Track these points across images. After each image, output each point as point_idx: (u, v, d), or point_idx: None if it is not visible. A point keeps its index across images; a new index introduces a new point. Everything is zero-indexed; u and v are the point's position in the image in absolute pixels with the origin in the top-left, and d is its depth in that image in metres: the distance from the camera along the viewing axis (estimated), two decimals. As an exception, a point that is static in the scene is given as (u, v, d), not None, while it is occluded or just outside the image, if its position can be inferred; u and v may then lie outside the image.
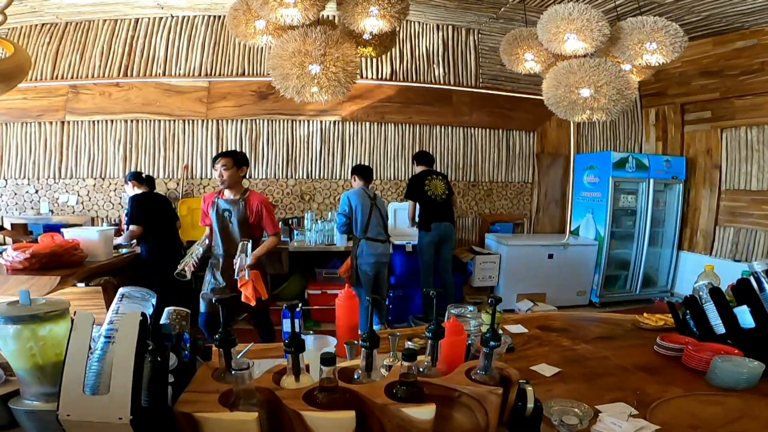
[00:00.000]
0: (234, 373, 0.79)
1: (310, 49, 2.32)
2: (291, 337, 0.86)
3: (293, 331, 0.87)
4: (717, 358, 1.22)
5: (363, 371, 0.97)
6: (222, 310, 0.89)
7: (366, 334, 0.94)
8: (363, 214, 3.50)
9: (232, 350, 0.91)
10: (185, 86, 4.47)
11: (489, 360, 0.96)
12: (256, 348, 1.52)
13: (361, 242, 3.53)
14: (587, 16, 2.39)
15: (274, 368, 0.96)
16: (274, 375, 0.93)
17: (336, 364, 0.86)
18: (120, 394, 0.70)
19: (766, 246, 4.33)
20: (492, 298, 1.05)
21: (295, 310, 0.90)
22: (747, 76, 4.42)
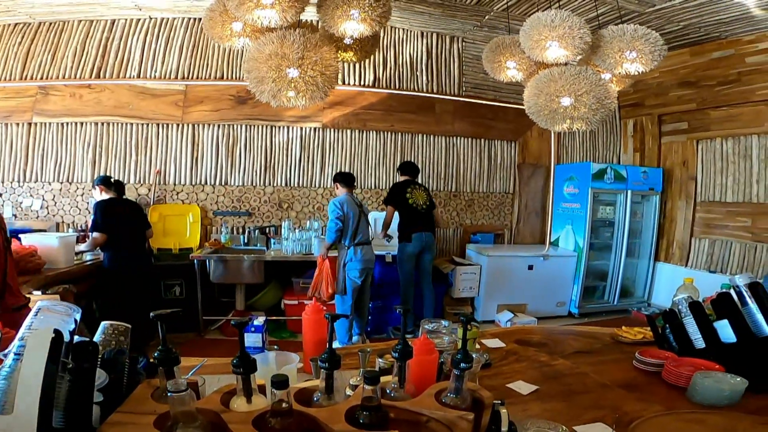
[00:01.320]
0: (169, 395, 0.70)
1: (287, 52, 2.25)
2: (239, 356, 0.78)
3: (242, 350, 0.79)
4: (698, 375, 1.18)
5: (323, 393, 0.89)
6: (160, 326, 0.80)
7: (326, 353, 0.86)
8: (353, 220, 3.50)
9: (175, 369, 0.82)
10: (160, 89, 4.34)
11: (460, 382, 0.90)
12: (217, 362, 1.41)
13: (350, 249, 3.51)
14: (569, 23, 2.39)
15: (223, 388, 0.88)
16: (223, 396, 0.85)
17: (289, 387, 0.77)
18: (25, 413, 0.63)
19: (741, 257, 4.39)
20: (464, 316, 0.98)
21: (243, 327, 0.81)
22: (723, 87, 4.50)
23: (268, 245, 4.25)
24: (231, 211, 4.51)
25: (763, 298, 1.20)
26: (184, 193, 4.43)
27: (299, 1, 2.17)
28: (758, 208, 4.24)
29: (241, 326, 0.81)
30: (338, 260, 3.59)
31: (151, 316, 0.82)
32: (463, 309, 4.64)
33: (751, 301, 1.23)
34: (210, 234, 4.45)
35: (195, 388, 0.94)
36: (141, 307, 3.30)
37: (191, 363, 1.34)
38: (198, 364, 1.26)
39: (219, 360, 1.44)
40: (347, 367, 1.46)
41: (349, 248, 3.52)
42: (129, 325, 0.95)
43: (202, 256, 3.80)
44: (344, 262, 3.55)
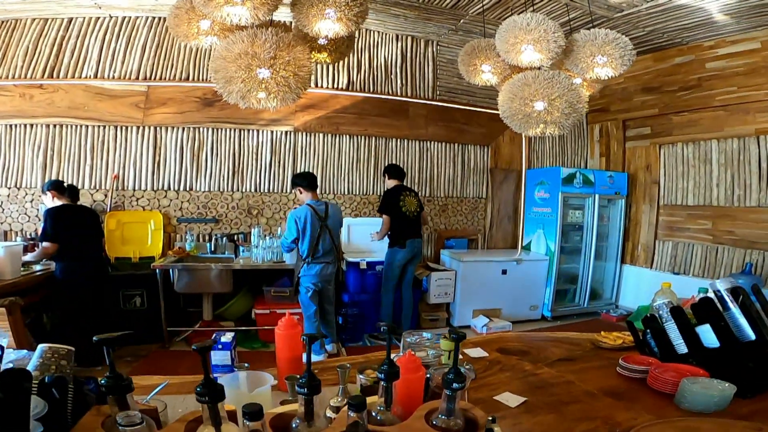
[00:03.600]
0: (120, 428, 0.60)
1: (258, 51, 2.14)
2: (204, 383, 0.69)
3: (206, 377, 0.69)
4: (686, 381, 1.16)
5: (302, 420, 0.80)
6: (107, 351, 0.70)
7: (304, 377, 0.77)
8: (312, 236, 3.29)
9: (127, 396, 0.72)
10: (119, 90, 4.10)
11: (452, 403, 0.83)
12: (183, 381, 1.27)
13: (306, 263, 3.36)
14: (544, 27, 2.41)
15: (187, 415, 0.78)
16: (188, 425, 0.76)
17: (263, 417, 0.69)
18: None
19: (702, 259, 4.57)
20: (454, 333, 0.91)
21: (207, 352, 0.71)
22: (684, 93, 4.66)
23: (237, 253, 4.07)
24: (196, 218, 4.30)
25: (746, 303, 1.19)
26: (145, 199, 4.18)
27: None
28: (718, 211, 4.42)
29: (204, 351, 0.71)
30: (294, 269, 3.50)
31: (94, 340, 0.71)
32: (439, 315, 4.61)
33: (734, 305, 1.22)
34: (174, 242, 4.23)
35: (154, 415, 0.84)
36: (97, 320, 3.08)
37: (153, 382, 1.21)
38: (159, 385, 1.14)
39: (184, 378, 1.32)
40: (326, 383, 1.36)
41: (305, 261, 3.36)
42: (72, 348, 0.83)
43: (165, 265, 3.59)
44: (298, 275, 3.44)
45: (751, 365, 1.20)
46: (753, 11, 3.64)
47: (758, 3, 3.47)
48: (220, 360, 1.21)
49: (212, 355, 1.22)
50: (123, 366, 3.27)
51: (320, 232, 3.31)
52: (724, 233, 4.34)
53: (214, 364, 1.22)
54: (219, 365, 1.21)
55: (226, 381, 1.04)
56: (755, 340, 1.17)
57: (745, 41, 4.08)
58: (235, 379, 1.06)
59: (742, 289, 1.23)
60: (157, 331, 3.63)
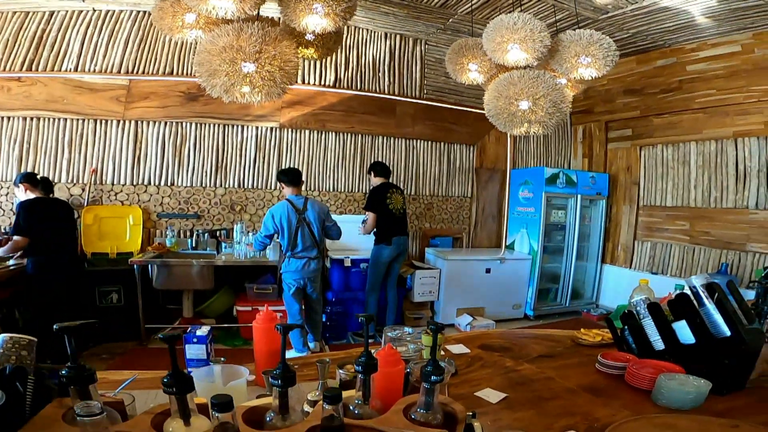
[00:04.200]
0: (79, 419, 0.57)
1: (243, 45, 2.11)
2: (171, 373, 0.67)
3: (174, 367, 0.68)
4: (662, 377, 1.18)
5: (276, 413, 0.78)
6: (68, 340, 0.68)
7: (278, 369, 0.76)
8: (289, 230, 3.28)
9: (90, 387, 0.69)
10: (100, 84, 3.99)
11: (431, 396, 0.82)
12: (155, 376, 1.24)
13: (287, 259, 3.35)
14: (531, 26, 2.43)
15: (156, 408, 0.76)
16: (156, 417, 0.73)
17: (235, 408, 0.67)
18: None
19: (679, 259, 4.68)
20: (432, 324, 0.90)
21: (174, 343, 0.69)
22: (665, 95, 4.74)
23: (219, 249, 4.01)
24: (178, 214, 4.22)
25: (721, 299, 1.21)
26: (124, 194, 4.09)
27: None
28: (695, 212, 4.53)
29: (172, 340, 0.69)
30: (278, 265, 3.49)
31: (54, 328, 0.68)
32: (423, 313, 4.61)
33: (709, 301, 1.24)
34: (153, 237, 4.14)
35: (120, 407, 0.82)
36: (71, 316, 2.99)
37: (124, 377, 1.18)
38: (128, 379, 1.10)
39: (157, 373, 1.28)
40: (305, 378, 1.35)
41: (285, 256, 3.35)
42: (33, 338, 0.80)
43: (144, 261, 3.51)
44: (281, 271, 3.42)
45: (727, 362, 1.22)
46: (734, 14, 3.71)
47: (739, 6, 3.54)
48: (195, 354, 1.19)
49: (187, 349, 1.20)
50: (98, 363, 3.19)
51: (298, 225, 3.29)
52: (701, 234, 4.45)
53: (189, 357, 1.21)
54: (194, 359, 1.19)
55: (200, 374, 1.02)
56: (730, 337, 1.19)
57: (726, 44, 4.16)
58: (209, 372, 1.04)
59: (718, 285, 1.25)
60: (135, 329, 3.55)
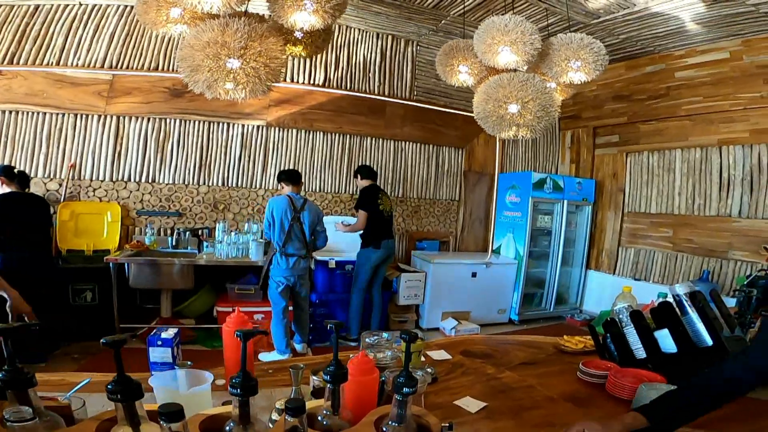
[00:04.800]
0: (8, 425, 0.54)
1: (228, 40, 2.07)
2: (116, 379, 0.65)
3: (120, 373, 0.65)
4: (643, 386, 1.15)
5: (236, 423, 0.73)
6: (4, 343, 0.65)
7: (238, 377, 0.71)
8: (282, 225, 3.30)
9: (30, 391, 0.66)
10: (82, 78, 3.88)
11: (403, 408, 0.78)
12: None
13: (276, 255, 3.35)
14: (522, 29, 2.42)
15: (104, 414, 0.72)
16: (102, 423, 0.69)
17: (185, 418, 0.63)
18: None
19: (662, 266, 4.72)
20: (406, 334, 0.86)
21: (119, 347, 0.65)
22: (653, 101, 4.76)
23: (200, 248, 3.92)
24: (158, 211, 4.12)
25: (704, 308, 1.20)
26: (102, 190, 3.97)
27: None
28: (679, 220, 4.56)
29: (116, 345, 0.67)
30: (266, 262, 3.48)
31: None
32: (408, 316, 4.57)
33: (692, 310, 1.23)
34: (132, 235, 4.03)
35: (67, 412, 0.78)
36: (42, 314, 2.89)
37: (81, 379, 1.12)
38: (81, 382, 1.04)
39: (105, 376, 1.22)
40: (279, 384, 1.31)
41: (275, 253, 3.35)
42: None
43: (120, 259, 3.41)
44: (267, 267, 3.42)
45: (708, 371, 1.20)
46: (724, 21, 3.70)
47: (729, 13, 3.54)
48: (159, 357, 1.14)
49: (151, 352, 1.15)
50: (70, 363, 3.10)
51: (292, 222, 3.32)
52: (684, 241, 4.49)
53: (153, 361, 1.16)
54: (158, 362, 1.14)
55: (161, 379, 0.97)
56: (712, 346, 1.18)
57: (714, 51, 4.17)
58: (172, 377, 0.98)
59: (701, 293, 1.23)
60: (109, 328, 3.44)
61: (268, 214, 3.33)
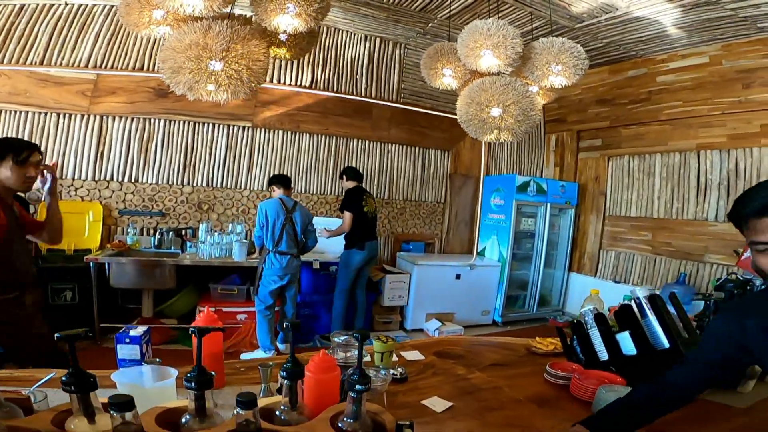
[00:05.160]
0: None
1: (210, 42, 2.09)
2: (71, 372, 0.68)
3: (74, 365, 0.68)
4: (602, 389, 1.19)
5: (192, 416, 0.76)
6: None
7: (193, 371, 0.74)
8: (274, 226, 3.40)
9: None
10: (67, 77, 3.86)
11: (357, 405, 0.81)
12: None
13: (270, 254, 3.43)
14: (504, 33, 2.45)
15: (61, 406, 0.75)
16: (58, 415, 0.72)
17: (135, 409, 0.66)
18: None
19: (641, 269, 4.80)
20: (358, 333, 0.89)
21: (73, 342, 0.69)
22: (634, 106, 4.81)
23: (184, 248, 3.91)
24: (141, 211, 4.09)
25: (662, 311, 1.24)
26: (85, 189, 3.94)
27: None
28: (658, 223, 4.65)
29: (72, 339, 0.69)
30: (258, 263, 3.54)
31: None
32: (393, 317, 4.60)
33: (651, 313, 1.27)
34: (114, 235, 4.00)
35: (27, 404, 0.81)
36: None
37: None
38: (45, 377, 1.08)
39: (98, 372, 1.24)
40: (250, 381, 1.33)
41: (268, 253, 3.45)
42: None
43: (101, 259, 3.40)
44: (262, 266, 3.48)
45: (666, 373, 1.24)
46: (704, 25, 3.73)
47: (709, 17, 3.58)
48: (128, 354, 1.16)
49: (119, 349, 1.18)
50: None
51: (285, 222, 3.42)
52: (662, 244, 4.57)
53: (121, 358, 1.18)
54: (127, 359, 1.16)
55: (125, 375, 1.00)
56: (669, 348, 1.22)
57: (695, 55, 4.22)
58: (137, 373, 1.01)
59: (660, 297, 1.27)
60: (89, 328, 3.42)
61: (261, 216, 3.40)
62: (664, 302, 1.29)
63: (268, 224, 3.39)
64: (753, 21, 3.53)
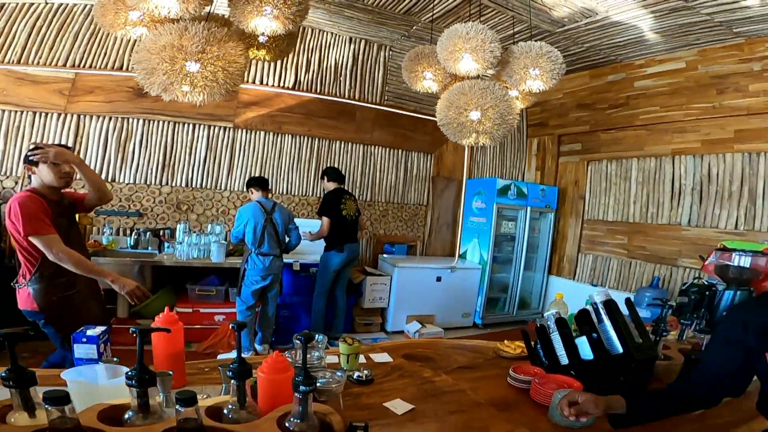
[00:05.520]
0: None
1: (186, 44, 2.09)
2: (10, 368, 0.71)
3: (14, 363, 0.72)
4: (557, 394, 1.20)
5: (135, 413, 0.78)
6: None
7: (135, 369, 0.75)
8: (255, 229, 3.41)
9: None
10: (44, 76, 3.80)
11: (304, 406, 0.82)
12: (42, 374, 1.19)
13: (252, 255, 3.44)
14: (482, 36, 2.48)
15: (3, 401, 0.77)
16: (1, 409, 0.75)
17: (71, 403, 0.66)
18: None
19: (617, 272, 4.89)
20: (301, 336, 0.91)
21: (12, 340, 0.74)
22: (613, 110, 4.87)
23: (161, 249, 3.86)
24: (117, 211, 4.03)
25: (617, 316, 1.27)
26: (60, 188, 3.88)
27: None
28: (633, 227, 4.73)
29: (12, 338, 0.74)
30: (241, 264, 3.54)
31: None
32: (373, 319, 4.61)
33: (606, 318, 1.30)
34: (89, 234, 3.94)
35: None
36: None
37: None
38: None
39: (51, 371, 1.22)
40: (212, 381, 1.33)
41: (251, 254, 3.45)
42: None
43: (75, 259, 3.34)
44: (244, 267, 3.49)
45: (622, 378, 1.27)
46: (681, 30, 3.78)
47: (685, 22, 3.62)
48: (84, 353, 1.16)
49: (76, 348, 1.18)
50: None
51: (265, 224, 3.43)
52: (638, 248, 4.66)
53: (77, 357, 1.18)
54: (83, 359, 1.16)
55: (75, 373, 1.01)
56: (622, 353, 1.25)
57: (672, 61, 4.28)
58: (90, 371, 1.02)
59: (614, 302, 1.31)
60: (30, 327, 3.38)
61: (242, 220, 3.41)
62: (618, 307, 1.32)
63: (248, 226, 3.40)
64: (728, 26, 3.57)
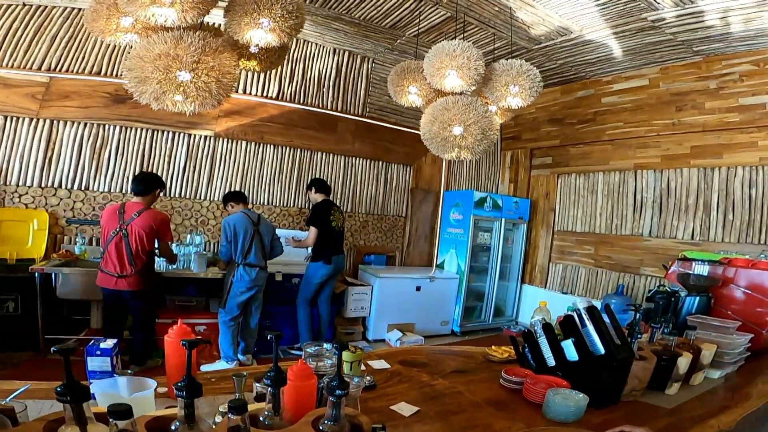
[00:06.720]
0: None
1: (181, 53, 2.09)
2: (65, 383, 0.70)
3: (68, 377, 0.71)
4: (550, 392, 1.32)
5: (182, 423, 0.81)
6: None
7: (183, 380, 0.79)
8: (245, 240, 3.40)
9: None
10: (16, 79, 3.68)
11: (337, 409, 0.88)
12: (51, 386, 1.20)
13: (239, 267, 3.41)
14: (468, 54, 2.59)
15: (50, 415, 0.77)
16: (49, 424, 0.75)
17: (134, 417, 0.69)
18: None
19: (585, 281, 5.15)
20: (337, 344, 0.98)
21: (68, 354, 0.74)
22: (581, 125, 5.14)
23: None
24: (90, 220, 3.91)
25: (599, 320, 1.40)
26: (30, 196, 3.73)
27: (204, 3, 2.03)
28: (600, 238, 5.02)
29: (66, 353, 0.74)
30: (226, 276, 3.51)
31: None
32: (355, 328, 4.65)
33: (589, 322, 1.43)
34: (60, 244, 3.80)
35: (12, 414, 0.82)
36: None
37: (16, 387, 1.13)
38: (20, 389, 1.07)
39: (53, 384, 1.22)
40: (223, 391, 1.36)
41: (238, 266, 3.44)
42: None
43: (47, 269, 3.23)
44: (231, 280, 3.46)
45: (604, 376, 1.40)
46: (645, 48, 4.03)
47: (651, 41, 3.86)
48: (98, 366, 1.15)
49: (90, 361, 1.16)
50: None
51: (253, 235, 3.44)
52: (604, 258, 4.95)
53: (91, 370, 1.17)
54: (97, 371, 1.16)
55: (103, 385, 1.01)
56: (604, 354, 1.38)
57: (636, 78, 4.56)
58: (113, 384, 1.03)
59: (596, 308, 1.44)
60: (33, 339, 3.26)
61: (229, 231, 3.38)
62: (600, 313, 1.46)
63: (236, 239, 3.38)
64: (689, 45, 3.83)
